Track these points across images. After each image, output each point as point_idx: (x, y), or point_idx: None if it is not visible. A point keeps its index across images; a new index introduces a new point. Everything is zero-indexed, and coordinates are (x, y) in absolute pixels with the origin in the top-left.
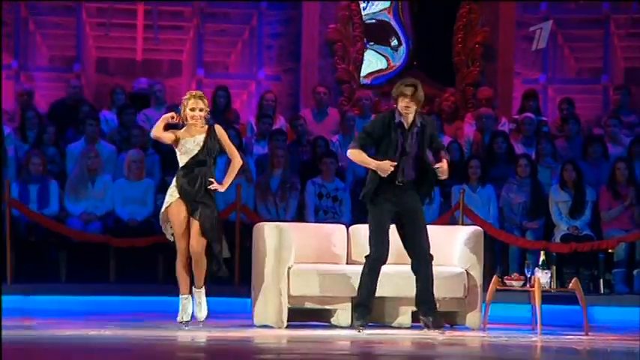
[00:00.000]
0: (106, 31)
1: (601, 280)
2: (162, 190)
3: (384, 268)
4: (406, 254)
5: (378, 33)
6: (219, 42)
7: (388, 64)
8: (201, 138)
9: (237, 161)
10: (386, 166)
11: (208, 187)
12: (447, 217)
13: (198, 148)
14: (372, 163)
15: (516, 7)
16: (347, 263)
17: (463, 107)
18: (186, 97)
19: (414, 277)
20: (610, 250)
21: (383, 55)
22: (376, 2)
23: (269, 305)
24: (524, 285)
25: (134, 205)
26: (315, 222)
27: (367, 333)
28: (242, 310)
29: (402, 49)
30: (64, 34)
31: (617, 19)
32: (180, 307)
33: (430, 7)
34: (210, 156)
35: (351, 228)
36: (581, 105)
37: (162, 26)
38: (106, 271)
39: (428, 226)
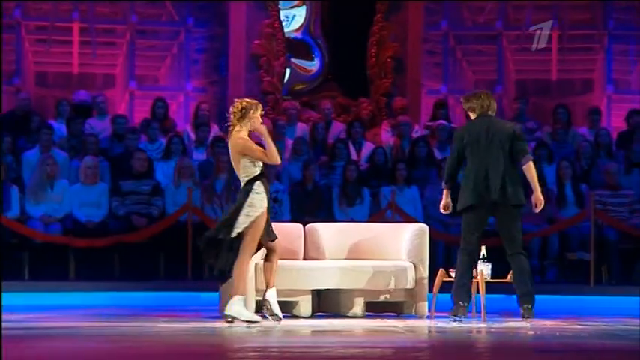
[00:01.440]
0: (47, 47)
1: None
2: (116, 194)
3: (341, 263)
4: (361, 251)
5: (298, 48)
6: (149, 57)
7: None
8: None
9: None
10: None
11: None
12: (380, 215)
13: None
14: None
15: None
16: (303, 259)
17: (378, 115)
18: (254, 103)
19: (367, 271)
20: None
21: (302, 68)
22: (291, 19)
23: None
24: None
25: (90, 208)
26: None
27: (327, 322)
28: (195, 302)
29: (315, 63)
30: (5, 49)
31: (509, 36)
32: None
33: (345, 25)
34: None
35: (307, 226)
36: None
37: (97, 42)
38: (66, 270)
39: (367, 224)
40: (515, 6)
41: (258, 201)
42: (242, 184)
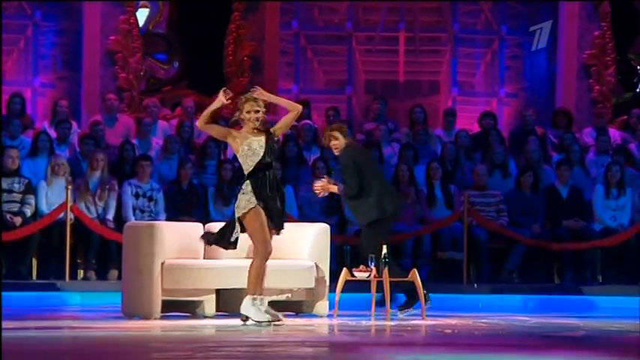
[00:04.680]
0: None
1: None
2: None
3: (245, 262)
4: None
5: (154, 45)
6: None
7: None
8: (263, 140)
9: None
10: None
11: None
12: None
13: (263, 151)
14: None
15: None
16: (204, 258)
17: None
18: (242, 100)
19: (270, 270)
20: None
21: (159, 63)
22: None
23: (142, 298)
24: (369, 276)
25: None
26: (135, 221)
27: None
28: (70, 302)
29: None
30: None
31: (359, 37)
32: (257, 309)
33: (201, 23)
34: (272, 157)
35: (206, 226)
36: None
37: None
38: None
39: None
40: (365, 8)
41: (243, 201)
42: None
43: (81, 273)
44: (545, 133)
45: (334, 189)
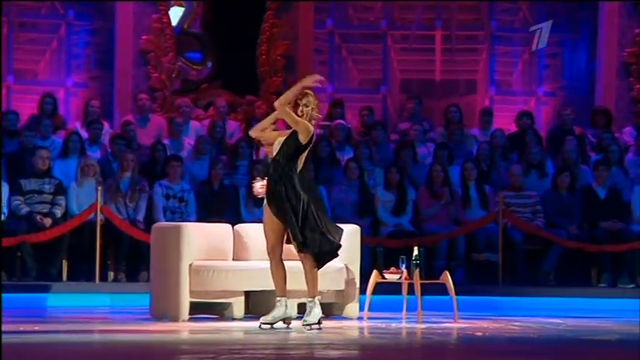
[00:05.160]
0: None
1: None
2: (16, 192)
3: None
4: (291, 251)
5: (187, 45)
6: (28, 50)
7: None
8: (283, 138)
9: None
10: None
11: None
12: None
13: (279, 148)
14: None
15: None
16: (233, 259)
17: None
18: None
19: (299, 272)
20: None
21: (191, 64)
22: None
23: (170, 300)
24: (400, 278)
25: None
26: (165, 222)
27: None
28: (100, 304)
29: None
30: None
31: (394, 35)
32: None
33: (234, 21)
34: (282, 156)
35: (235, 227)
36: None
37: None
38: None
39: None
40: (401, 6)
41: None
42: None
43: (111, 275)
44: (584, 133)
45: None
